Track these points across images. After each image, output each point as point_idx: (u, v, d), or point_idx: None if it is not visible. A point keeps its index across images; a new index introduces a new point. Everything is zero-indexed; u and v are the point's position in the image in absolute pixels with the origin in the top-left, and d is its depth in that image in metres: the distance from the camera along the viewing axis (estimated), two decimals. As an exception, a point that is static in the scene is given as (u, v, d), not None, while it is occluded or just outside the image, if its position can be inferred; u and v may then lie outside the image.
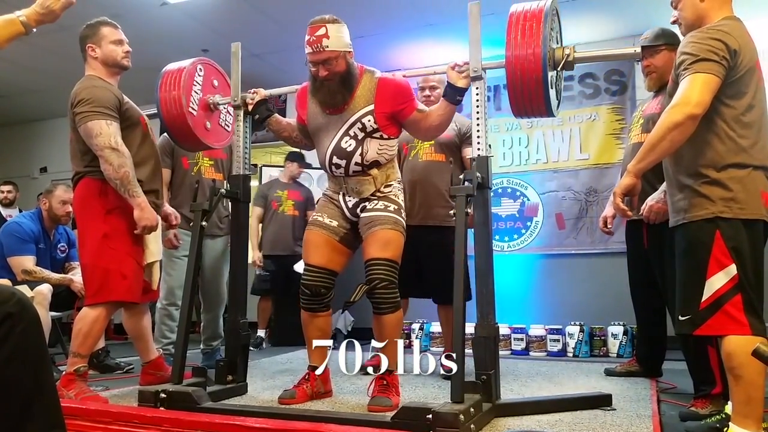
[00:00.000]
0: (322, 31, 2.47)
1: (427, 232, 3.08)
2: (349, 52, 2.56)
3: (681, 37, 2.18)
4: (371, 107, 2.57)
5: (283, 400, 2.55)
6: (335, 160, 2.61)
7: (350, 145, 2.58)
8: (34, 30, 2.16)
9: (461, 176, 2.35)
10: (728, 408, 2.12)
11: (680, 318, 2.00)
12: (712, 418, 2.22)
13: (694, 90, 1.86)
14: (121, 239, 2.66)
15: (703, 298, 1.90)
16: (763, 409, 1.86)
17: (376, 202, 2.62)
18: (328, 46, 2.47)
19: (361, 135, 2.58)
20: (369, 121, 2.56)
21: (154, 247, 2.83)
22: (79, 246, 2.77)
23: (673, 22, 2.18)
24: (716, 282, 1.88)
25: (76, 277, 3.76)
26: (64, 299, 3.73)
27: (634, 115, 3.26)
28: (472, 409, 2.03)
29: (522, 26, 2.31)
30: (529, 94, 2.35)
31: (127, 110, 2.76)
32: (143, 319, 2.89)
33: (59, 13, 2.18)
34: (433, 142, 3.24)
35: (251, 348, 4.73)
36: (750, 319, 1.86)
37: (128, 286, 2.68)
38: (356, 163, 2.60)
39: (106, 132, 2.58)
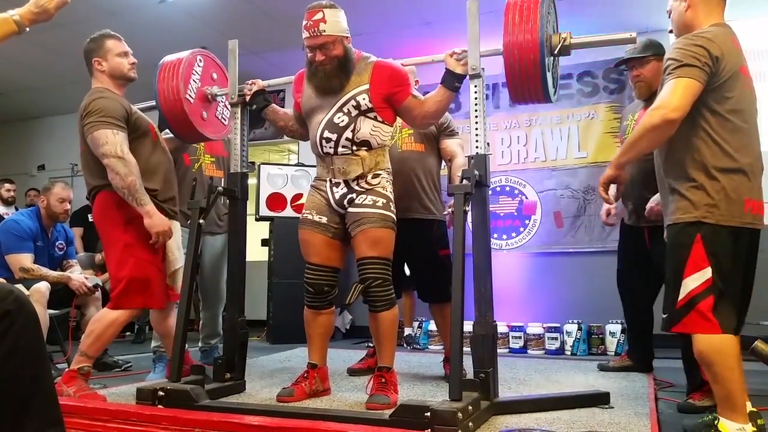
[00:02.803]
0: (319, 16, 2.48)
1: (406, 226, 2.91)
2: (347, 37, 2.56)
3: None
4: (366, 86, 2.55)
5: (282, 398, 2.54)
6: (326, 134, 2.57)
7: (342, 120, 2.55)
8: (27, 29, 2.14)
9: (459, 174, 2.35)
10: None
11: (663, 316, 2.08)
12: (707, 417, 2.25)
13: (674, 94, 1.93)
14: (141, 248, 2.69)
15: (680, 297, 1.98)
16: (744, 398, 1.93)
17: (364, 196, 2.57)
18: (325, 30, 2.47)
19: (354, 112, 2.55)
20: (364, 99, 2.54)
21: (177, 254, 2.85)
22: (105, 257, 2.83)
23: (670, 31, 2.25)
24: (691, 282, 1.96)
25: (74, 275, 3.76)
26: (62, 297, 3.72)
27: (626, 124, 3.29)
28: (470, 407, 2.03)
29: (519, 10, 2.33)
30: (527, 77, 2.35)
31: (136, 120, 2.77)
32: (171, 318, 2.92)
33: (53, 13, 2.17)
34: (412, 131, 3.17)
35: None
36: (720, 319, 1.94)
37: (150, 293, 2.71)
38: (347, 139, 2.55)
39: (113, 141, 2.60)
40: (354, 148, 2.57)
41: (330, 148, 2.59)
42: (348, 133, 2.55)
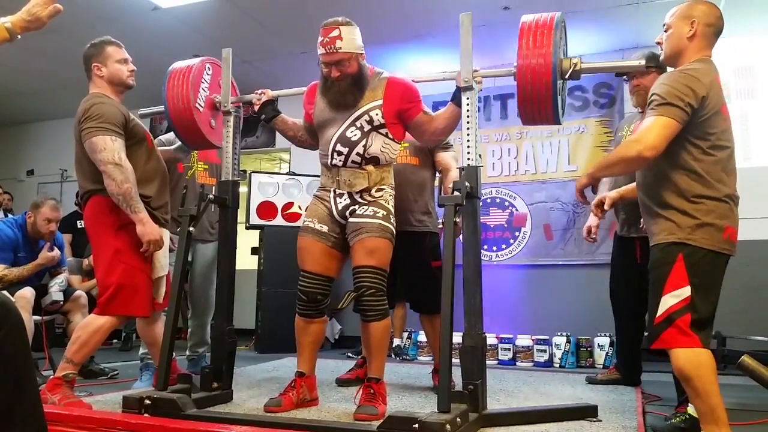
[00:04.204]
0: (335, 33, 2.50)
1: (399, 239, 2.92)
2: (361, 54, 2.59)
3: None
4: (379, 102, 2.59)
5: (269, 408, 2.50)
6: (338, 147, 2.60)
7: (355, 135, 2.59)
8: (19, 37, 2.14)
9: (450, 186, 2.36)
10: (690, 409, 2.28)
11: (646, 333, 2.13)
12: (677, 419, 2.37)
13: (652, 132, 2.01)
14: (132, 254, 2.68)
15: (658, 313, 2.03)
16: (725, 411, 1.96)
17: (365, 207, 2.61)
18: (341, 48, 2.50)
19: (367, 127, 2.59)
20: (377, 114, 2.58)
21: (163, 261, 2.83)
22: (94, 262, 2.81)
23: (658, 43, 2.30)
24: (670, 300, 2.01)
25: (40, 257, 3.71)
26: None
27: (621, 135, 3.34)
28: (458, 419, 2.02)
29: (533, 36, 2.37)
30: (539, 100, 2.38)
31: (134, 127, 2.78)
32: (157, 326, 2.90)
33: (46, 21, 2.16)
34: (407, 144, 3.19)
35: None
36: (698, 334, 1.98)
37: (138, 301, 2.70)
38: (357, 154, 2.59)
39: (110, 147, 2.60)
40: (362, 162, 2.61)
41: (340, 161, 2.62)
42: (359, 148, 2.59)
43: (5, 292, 3.25)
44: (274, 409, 2.50)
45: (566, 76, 2.44)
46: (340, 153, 2.61)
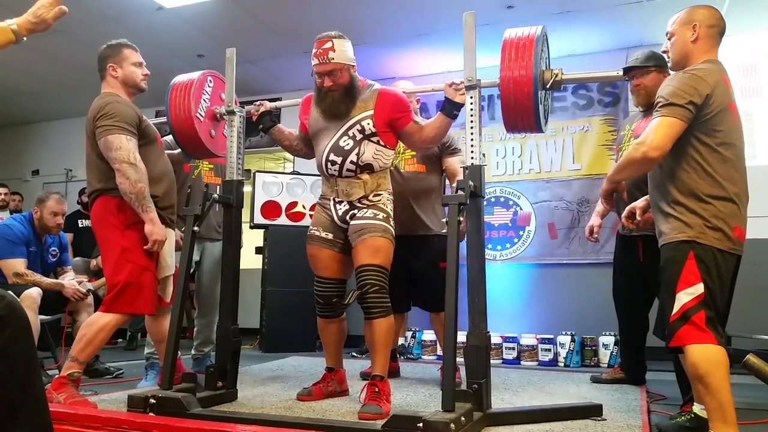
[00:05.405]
0: (328, 45, 2.61)
1: (411, 242, 3.18)
2: (353, 65, 2.69)
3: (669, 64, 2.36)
4: (371, 112, 2.68)
5: (301, 397, 2.74)
6: (332, 156, 2.69)
7: (348, 144, 2.68)
8: (25, 39, 2.15)
9: (454, 185, 2.40)
10: (696, 408, 2.28)
11: (665, 332, 2.13)
12: (682, 418, 2.37)
13: (657, 133, 2.04)
14: (139, 253, 2.70)
15: (674, 311, 2.04)
16: (734, 410, 1.96)
17: (365, 210, 2.69)
18: (333, 58, 2.61)
19: (359, 136, 2.68)
20: (368, 124, 2.67)
21: (169, 261, 2.86)
22: (102, 261, 2.84)
23: (664, 52, 2.33)
24: (684, 297, 2.03)
25: (66, 281, 3.74)
26: (55, 303, 3.70)
27: (622, 134, 3.36)
28: (462, 418, 2.02)
29: (515, 48, 2.46)
30: (521, 110, 2.47)
31: (146, 128, 2.82)
32: (165, 323, 2.91)
33: (51, 23, 2.17)
34: (414, 152, 3.34)
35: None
36: (713, 331, 1.99)
37: (143, 299, 2.72)
38: (351, 162, 2.67)
39: (126, 147, 2.63)
40: (357, 171, 2.69)
41: (335, 170, 2.71)
42: (353, 157, 2.67)
43: (10, 292, 3.27)
44: (305, 397, 2.73)
45: (547, 87, 2.53)
46: (334, 162, 2.70)
